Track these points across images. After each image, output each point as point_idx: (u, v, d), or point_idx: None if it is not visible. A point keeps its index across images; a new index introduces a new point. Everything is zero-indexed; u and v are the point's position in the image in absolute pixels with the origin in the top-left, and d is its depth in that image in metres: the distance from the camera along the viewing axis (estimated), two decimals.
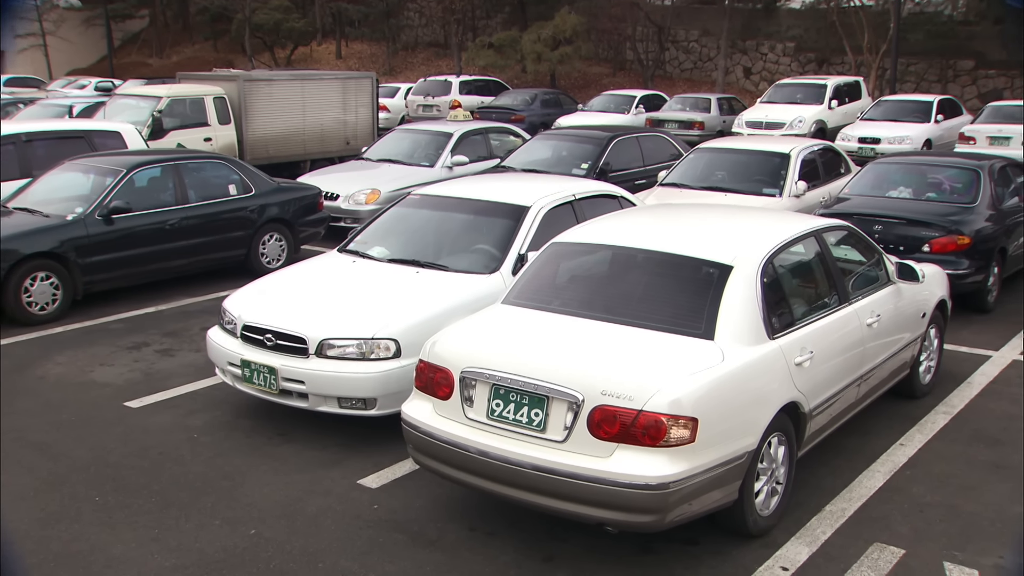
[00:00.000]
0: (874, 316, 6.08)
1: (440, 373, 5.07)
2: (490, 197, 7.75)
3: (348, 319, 6.35)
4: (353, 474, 5.94)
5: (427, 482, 5.81)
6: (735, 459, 4.73)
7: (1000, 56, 32.13)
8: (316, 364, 6.22)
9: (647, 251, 5.52)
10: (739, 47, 36.86)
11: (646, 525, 4.56)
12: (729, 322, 4.98)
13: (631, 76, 38.18)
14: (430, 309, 6.46)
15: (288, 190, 11.81)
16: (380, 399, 6.18)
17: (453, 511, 5.47)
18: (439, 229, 7.74)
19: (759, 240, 5.49)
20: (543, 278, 5.75)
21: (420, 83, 31.82)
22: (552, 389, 4.65)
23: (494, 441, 4.79)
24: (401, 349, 6.20)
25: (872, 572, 4.78)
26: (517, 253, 7.11)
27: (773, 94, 25.21)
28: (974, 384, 7.55)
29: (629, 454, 4.49)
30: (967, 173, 9.99)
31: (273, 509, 5.49)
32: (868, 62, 31.21)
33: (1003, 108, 22.53)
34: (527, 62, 35.66)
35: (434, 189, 8.24)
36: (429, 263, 7.17)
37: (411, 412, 5.21)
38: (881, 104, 23.10)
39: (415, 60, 45.39)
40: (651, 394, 4.48)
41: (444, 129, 14.87)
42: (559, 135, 14.55)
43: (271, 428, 6.67)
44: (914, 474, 5.92)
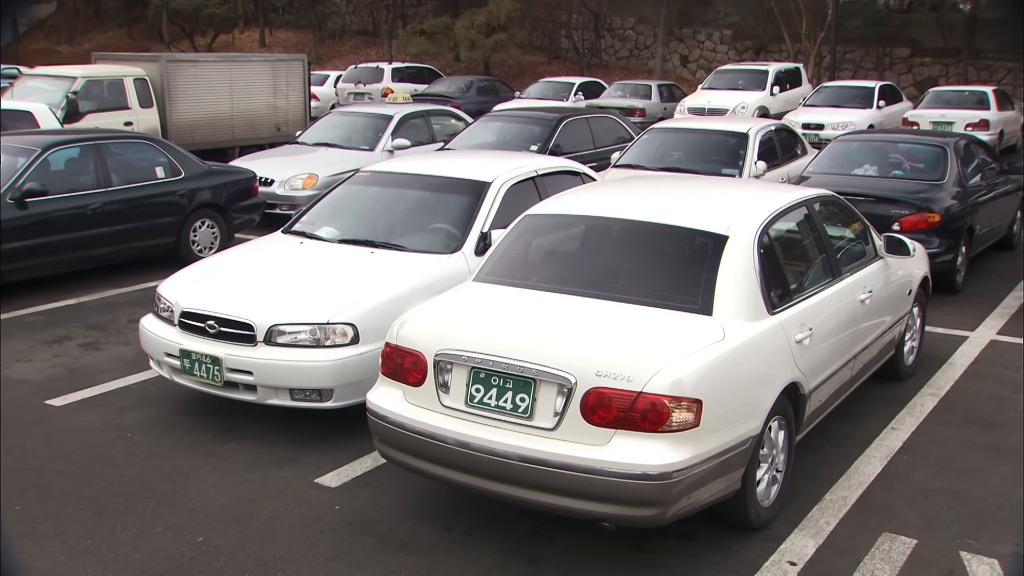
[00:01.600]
0: (866, 292, 5.82)
1: (411, 357, 4.64)
2: (447, 173, 7.33)
3: (300, 303, 5.88)
4: (309, 472, 5.48)
5: (392, 479, 5.38)
6: (739, 445, 4.39)
7: (935, 44, 32.69)
8: (265, 352, 5.73)
9: (634, 222, 5.16)
10: (676, 35, 36.93)
11: (647, 519, 4.19)
12: (728, 296, 4.64)
13: (566, 65, 38.00)
14: (389, 291, 6.02)
15: (220, 174, 11.20)
16: (337, 390, 5.72)
17: (424, 510, 5.04)
18: (393, 207, 7.29)
19: (752, 209, 5.17)
20: (518, 253, 5.35)
21: (350, 70, 31.16)
22: (540, 371, 4.25)
23: (474, 431, 4.37)
24: (359, 334, 5.75)
25: (886, 565, 4.49)
26: (479, 231, 6.71)
27: (714, 80, 25.19)
28: (956, 365, 7.37)
29: (628, 441, 4.12)
30: (933, 150, 9.87)
31: (222, 513, 5.00)
32: (806, 50, 31.46)
33: (943, 93, 22.90)
34: (460, 49, 35.23)
35: (386, 165, 7.79)
36: (384, 243, 6.72)
37: (378, 401, 4.77)
38: (823, 90, 23.23)
39: (343, 49, 44.57)
40: (651, 374, 4.11)
41: (384, 111, 14.37)
42: (505, 117, 14.15)
43: (214, 424, 6.15)
44: (912, 459, 5.67)
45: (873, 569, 4.45)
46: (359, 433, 5.90)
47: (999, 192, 10.54)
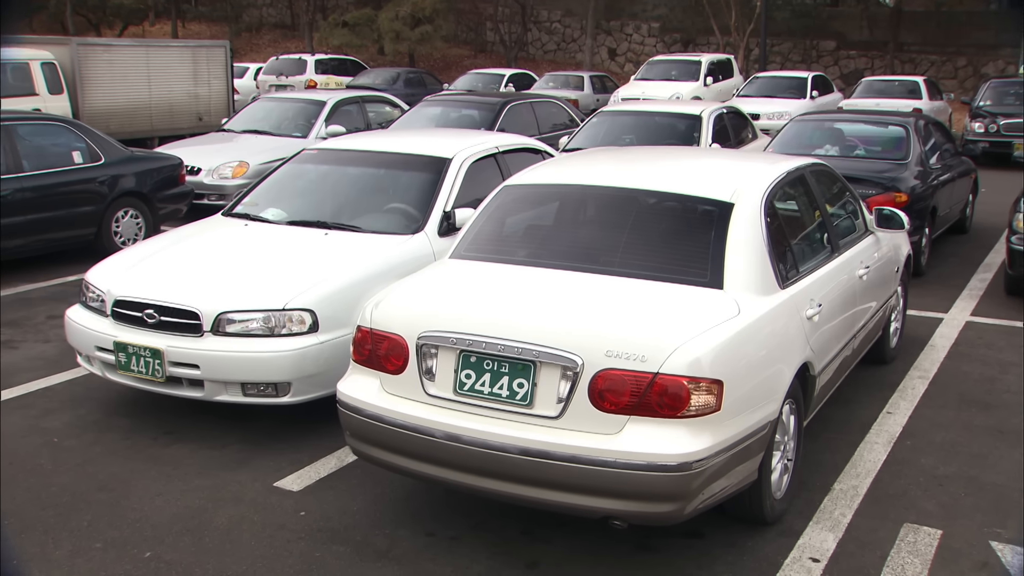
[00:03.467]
0: (863, 267, 5.52)
1: (388, 342, 4.16)
2: (404, 149, 6.86)
3: (251, 288, 5.33)
4: (266, 476, 4.95)
5: (362, 480, 4.88)
6: (759, 430, 4.02)
7: (860, 37, 33.18)
8: (213, 343, 5.17)
9: (630, 190, 4.75)
10: (603, 27, 36.83)
11: (664, 516, 3.78)
12: (738, 268, 4.26)
13: (493, 58, 37.63)
14: (349, 275, 5.51)
15: (144, 160, 10.50)
16: (295, 383, 5.20)
17: (401, 514, 4.56)
18: (345, 187, 6.78)
19: (753, 176, 4.81)
20: (500, 227, 4.90)
21: (271, 62, 30.23)
22: (542, 352, 3.80)
23: (466, 422, 3.91)
24: (318, 322, 5.24)
25: (915, 559, 4.15)
26: (442, 211, 6.24)
27: (647, 71, 25.09)
28: (938, 347, 7.15)
29: (642, 428, 3.71)
30: (895, 130, 9.71)
31: (171, 524, 4.45)
32: (735, 42, 31.61)
33: (876, 83, 23.18)
34: (385, 42, 34.59)
35: (335, 143, 7.29)
36: (338, 225, 6.19)
37: (350, 392, 4.27)
38: (756, 81, 23.29)
39: (261, 42, 43.44)
40: (668, 353, 3.70)
41: (316, 97, 13.75)
42: (447, 101, 13.66)
43: (154, 425, 5.57)
44: (916, 444, 5.38)
45: (902, 563, 4.11)
46: (319, 431, 5.41)
47: (956, 173, 10.45)
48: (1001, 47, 30.96)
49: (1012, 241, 8.17)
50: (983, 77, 30.47)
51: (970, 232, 11.70)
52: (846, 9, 34.64)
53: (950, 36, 31.97)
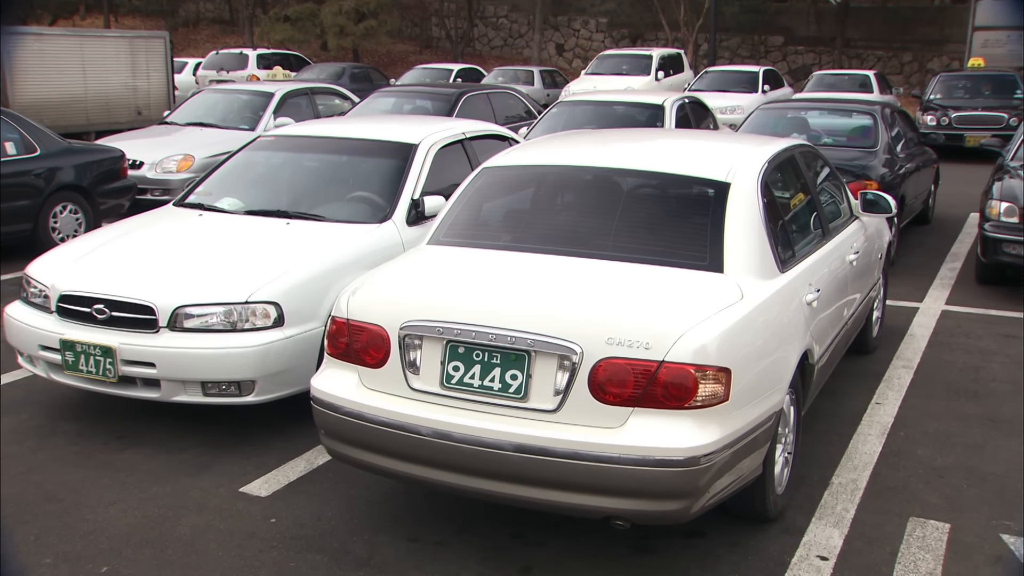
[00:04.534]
0: (854, 252, 5.37)
1: (367, 333, 3.88)
2: (367, 135, 6.57)
3: (210, 280, 5.01)
4: (231, 481, 4.64)
5: (334, 483, 4.60)
6: (766, 421, 3.83)
7: (807, 33, 33.49)
8: (170, 340, 4.85)
9: (620, 170, 4.53)
10: (551, 23, 36.70)
11: (670, 515, 3.56)
12: (739, 251, 4.06)
13: (439, 54, 37.28)
14: (314, 266, 5.22)
15: (84, 152, 10.05)
16: (259, 381, 4.89)
17: (379, 518, 4.29)
18: (306, 175, 6.49)
19: (746, 155, 4.61)
20: (481, 211, 4.65)
21: (211, 57, 29.60)
22: (537, 341, 3.56)
23: (455, 417, 3.65)
24: (284, 315, 4.94)
25: (927, 554, 3.99)
26: (410, 198, 5.97)
27: (598, 65, 24.97)
28: (918, 336, 7.05)
29: (648, 421, 3.48)
30: (863, 118, 9.64)
31: (129, 535, 4.12)
32: (684, 37, 31.68)
33: (826, 77, 23.35)
34: (328, 37, 34.05)
35: (294, 129, 6.97)
36: (300, 214, 5.89)
37: (325, 388, 3.99)
38: (707, 75, 23.30)
39: (198, 38, 42.57)
40: (674, 339, 3.48)
41: (263, 89, 13.32)
42: (400, 93, 13.37)
43: (105, 429, 5.22)
44: (910, 435, 5.24)
45: (914, 560, 3.94)
46: (286, 432, 5.12)
47: (920, 163, 10.43)
48: (946, 42, 31.43)
49: (985, 229, 8.12)
50: (929, 72, 30.96)
51: (932, 223, 11.70)
52: (794, 5, 34.94)
53: (896, 32, 32.40)
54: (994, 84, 19.97)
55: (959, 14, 29.61)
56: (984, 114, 18.47)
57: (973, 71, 21.57)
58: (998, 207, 8.07)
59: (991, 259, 8.12)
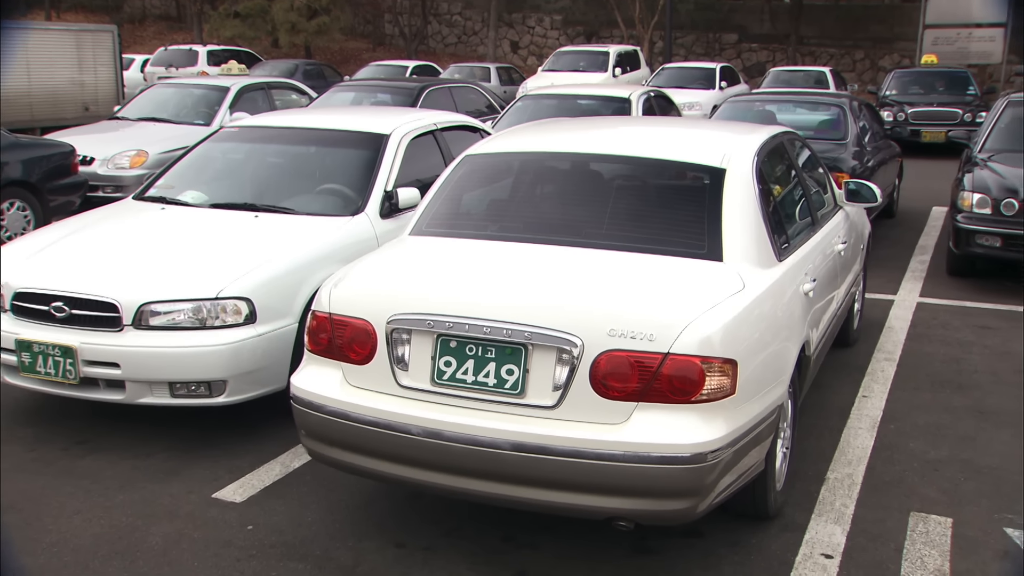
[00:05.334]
0: (842, 242, 5.27)
1: (351, 328, 3.68)
2: (336, 126, 6.35)
3: (178, 276, 4.77)
4: (202, 486, 4.40)
5: (312, 487, 4.39)
6: (770, 415, 3.69)
7: (761, 30, 33.71)
8: (135, 338, 4.60)
9: (612, 156, 4.38)
10: (505, 20, 36.55)
11: (676, 514, 3.40)
12: (737, 239, 3.92)
13: (392, 51, 36.92)
14: (286, 260, 5.00)
15: (31, 147, 9.67)
16: (231, 381, 4.66)
17: (363, 523, 4.08)
18: (272, 167, 6.26)
19: (739, 141, 4.48)
20: (465, 200, 4.46)
21: (160, 53, 28.99)
22: (534, 334, 3.39)
23: (447, 415, 3.47)
24: (256, 311, 4.71)
25: (932, 550, 3.88)
26: (383, 190, 5.76)
27: (555, 62, 24.83)
28: (896, 329, 6.99)
29: (653, 416, 3.33)
30: (832, 110, 9.60)
31: (95, 547, 3.87)
32: (640, 34, 31.69)
33: (782, 73, 23.44)
34: (280, 33, 33.56)
35: (259, 120, 6.73)
36: (268, 207, 5.66)
37: (307, 386, 3.78)
38: (664, 71, 23.29)
39: (145, 34, 41.72)
40: (679, 330, 3.33)
41: (219, 83, 13.01)
42: (361, 87, 13.10)
43: (65, 435, 4.95)
44: (900, 428, 5.15)
45: (920, 556, 3.83)
46: (258, 434, 4.91)
47: (886, 156, 10.43)
48: (896, 40, 31.79)
49: (958, 220, 8.10)
50: (880, 70, 31.31)
51: (896, 216, 11.72)
52: (748, 2, 35.11)
53: (848, 30, 32.71)
54: (947, 80, 20.18)
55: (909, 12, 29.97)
56: (939, 110, 18.63)
57: (927, 68, 21.78)
58: (970, 198, 8.04)
59: (964, 251, 8.10)
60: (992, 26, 25.34)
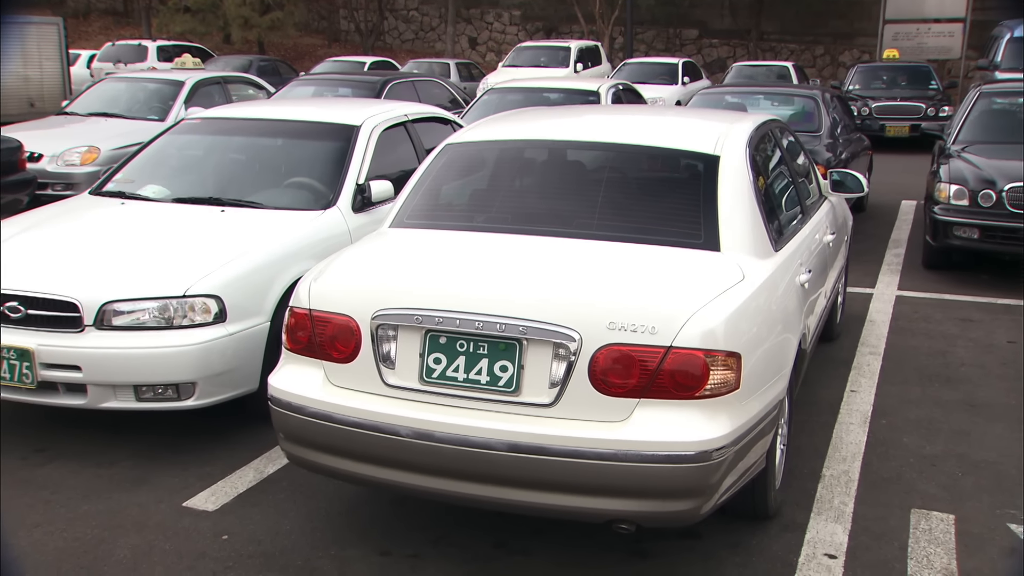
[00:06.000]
0: (830, 233, 5.21)
1: (334, 325, 3.52)
2: (304, 117, 6.18)
3: (142, 273, 4.57)
4: (172, 495, 4.22)
5: (290, 493, 4.22)
6: (772, 410, 3.60)
7: (722, 26, 33.87)
8: (97, 339, 4.40)
9: (601, 144, 4.26)
10: (463, 16, 36.38)
11: (680, 515, 3.29)
12: (734, 229, 3.82)
13: (348, 47, 36.62)
14: (257, 256, 4.82)
15: None
16: (200, 383, 4.48)
17: (345, 530, 3.93)
18: (238, 159, 6.08)
19: (729, 127, 4.38)
20: (448, 190, 4.32)
21: (107, 48, 28.44)
22: (530, 328, 3.25)
23: (438, 415, 3.32)
24: (226, 310, 4.53)
25: (938, 548, 3.80)
26: (355, 183, 5.60)
27: (515, 58, 24.76)
28: (878, 322, 6.95)
29: (655, 413, 3.21)
30: (806, 101, 9.58)
31: (59, 561, 3.68)
32: (600, 30, 31.69)
33: (745, 69, 23.53)
34: (232, 29, 33.11)
35: (223, 111, 6.54)
36: (235, 201, 5.48)
37: (286, 386, 3.61)
38: (626, 67, 23.30)
39: (90, 29, 40.92)
40: (681, 322, 3.22)
41: (173, 77, 12.71)
42: (322, 81, 12.86)
43: (22, 443, 4.73)
44: (892, 423, 5.09)
45: (926, 554, 3.76)
46: (228, 439, 4.75)
47: (858, 149, 10.45)
48: (856, 36, 32.09)
49: (935, 212, 8.09)
50: (841, 65, 31.60)
51: (867, 210, 11.74)
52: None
53: (808, 25, 32.95)
54: (910, 75, 20.35)
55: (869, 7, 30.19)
56: (903, 104, 18.78)
57: (889, 62, 21.96)
58: (947, 190, 8.04)
59: (941, 243, 8.10)
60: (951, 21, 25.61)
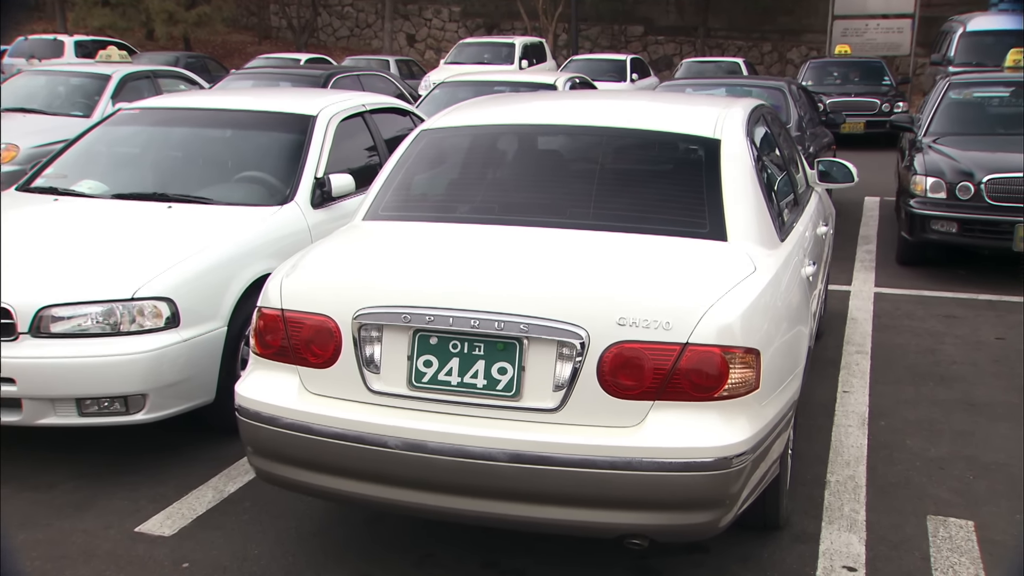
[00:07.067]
0: (824, 224, 5.08)
1: (310, 326, 3.27)
2: (255, 107, 5.91)
3: (83, 275, 4.27)
4: (122, 519, 3.92)
5: (255, 514, 3.95)
6: (788, 411, 3.44)
7: (668, 22, 34.02)
8: (33, 348, 4.08)
9: (595, 128, 4.06)
10: (401, 12, 36.02)
11: (698, 529, 3.10)
12: (740, 217, 3.65)
13: (280, 44, 35.99)
14: (211, 255, 4.54)
15: None
16: (151, 395, 4.18)
17: (319, 554, 3.67)
18: (183, 152, 5.78)
19: (725, 111, 4.21)
20: (426, 180, 4.09)
21: (19, 43, 27.54)
22: (532, 325, 3.04)
23: (430, 423, 3.09)
24: (179, 313, 4.25)
25: (962, 557, 3.67)
26: (313, 177, 5.34)
27: (458, 54, 24.56)
28: (860, 320, 6.86)
29: (671, 416, 3.02)
30: (773, 93, 9.51)
31: None
32: (543, 26, 31.61)
33: (695, 64, 23.61)
34: (155, 24, 32.32)
35: (165, 101, 6.23)
36: (183, 197, 5.19)
37: (257, 395, 3.35)
38: (573, 64, 23.20)
39: None
40: (698, 317, 3.03)
41: (99, 71, 12.27)
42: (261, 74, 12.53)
43: None
44: (892, 424, 4.97)
45: (950, 564, 3.61)
46: (182, 456, 4.47)
47: (825, 142, 10.43)
48: (804, 32, 32.43)
49: (911, 205, 8.04)
50: (789, 63, 31.93)
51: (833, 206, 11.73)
52: None
53: (755, 21, 33.19)
54: (862, 70, 20.55)
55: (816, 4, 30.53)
56: (858, 100, 18.93)
57: (842, 58, 22.15)
58: (923, 183, 8.00)
59: (919, 237, 8.06)
60: (899, 17, 25.99)
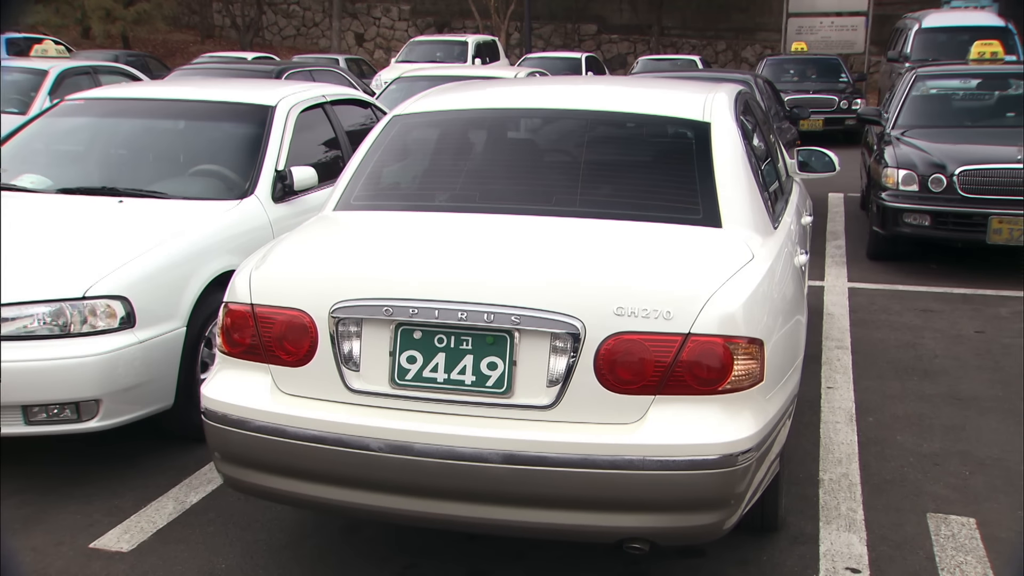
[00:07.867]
0: (808, 215, 5.00)
1: (282, 322, 3.09)
2: (210, 97, 5.71)
3: (29, 272, 4.05)
4: (74, 535, 3.71)
5: (220, 526, 3.76)
6: (790, 406, 3.33)
7: (621, 21, 34.10)
8: None
9: (579, 112, 3.92)
10: (348, 10, 35.72)
11: (701, 531, 2.97)
12: (733, 203, 3.53)
13: (223, 43, 35.49)
14: (168, 251, 4.34)
15: None
16: (105, 400, 3.97)
17: (291, 568, 3.49)
18: (133, 145, 5.58)
19: (711, 93, 4.10)
20: (399, 168, 3.93)
21: None
22: (524, 317, 2.89)
23: (415, 423, 2.93)
24: (134, 313, 4.04)
25: (967, 556, 3.58)
26: (273, 170, 5.16)
27: (409, 53, 24.38)
28: (837, 315, 6.81)
29: (673, 412, 2.88)
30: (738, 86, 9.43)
31: None
32: (495, 25, 31.51)
33: (650, 62, 23.62)
34: (92, 21, 31.71)
35: (113, 91, 6.01)
36: (134, 191, 4.97)
37: (225, 396, 3.16)
38: (527, 62, 23.10)
39: None
40: (700, 306, 2.90)
41: (35, 66, 11.96)
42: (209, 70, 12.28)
43: None
44: (880, 420, 4.89)
45: (958, 564, 3.52)
46: (139, 466, 4.28)
47: (789, 138, 10.39)
48: (758, 30, 32.67)
49: (883, 198, 8.02)
50: (744, 61, 32.13)
51: None
52: None
53: (710, 20, 33.37)
54: (819, 67, 20.68)
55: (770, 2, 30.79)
56: (816, 96, 19.03)
57: (799, 55, 22.29)
58: (895, 175, 7.98)
59: (891, 231, 8.03)
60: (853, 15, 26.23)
